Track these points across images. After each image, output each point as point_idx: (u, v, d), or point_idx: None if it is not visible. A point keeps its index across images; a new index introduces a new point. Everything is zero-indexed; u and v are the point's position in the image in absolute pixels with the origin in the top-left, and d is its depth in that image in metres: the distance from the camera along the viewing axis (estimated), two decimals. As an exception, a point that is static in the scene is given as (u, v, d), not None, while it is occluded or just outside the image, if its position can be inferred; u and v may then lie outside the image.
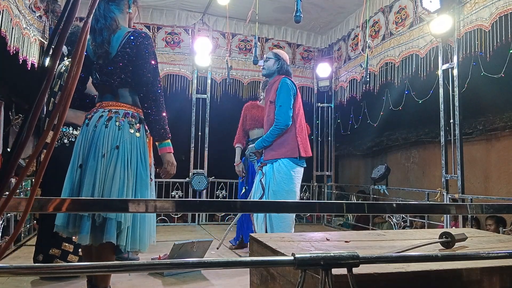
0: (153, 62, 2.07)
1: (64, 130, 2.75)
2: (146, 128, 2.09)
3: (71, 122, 2.77)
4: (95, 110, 2.08)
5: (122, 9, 2.13)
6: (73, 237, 2.16)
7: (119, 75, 2.04)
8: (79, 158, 2.00)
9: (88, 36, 0.72)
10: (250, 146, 3.36)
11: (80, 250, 2.70)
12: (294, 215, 3.07)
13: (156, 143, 2.09)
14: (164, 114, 2.04)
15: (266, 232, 3.00)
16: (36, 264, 2.48)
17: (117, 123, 1.98)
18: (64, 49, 2.91)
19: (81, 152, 2.00)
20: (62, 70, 2.86)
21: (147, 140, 2.09)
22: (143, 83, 2.02)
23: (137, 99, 2.07)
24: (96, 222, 1.87)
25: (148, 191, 2.01)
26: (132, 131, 1.99)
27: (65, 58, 3.00)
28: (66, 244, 2.65)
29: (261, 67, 3.40)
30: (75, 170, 2.00)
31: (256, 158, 3.32)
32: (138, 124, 2.04)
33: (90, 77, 2.23)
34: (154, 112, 2.02)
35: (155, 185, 6.11)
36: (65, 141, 2.75)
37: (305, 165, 3.18)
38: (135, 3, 2.19)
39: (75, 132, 2.78)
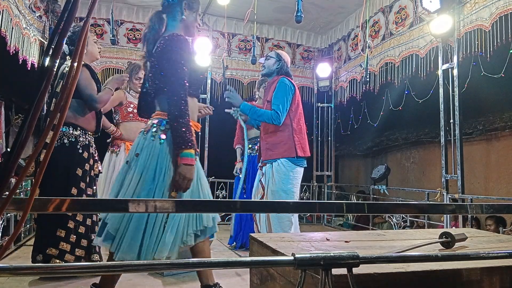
0: (177, 65, 1.93)
1: (64, 130, 2.75)
2: None
3: (71, 122, 2.77)
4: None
5: (176, 16, 2.09)
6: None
7: (154, 82, 2.02)
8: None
9: (88, 36, 0.72)
10: (236, 96, 3.20)
11: (76, 250, 2.70)
12: (292, 215, 3.05)
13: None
14: (182, 120, 1.88)
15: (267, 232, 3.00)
16: (36, 264, 2.48)
17: (145, 133, 2.00)
18: (65, 48, 2.90)
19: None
20: (65, 71, 2.86)
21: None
22: (167, 87, 1.95)
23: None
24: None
25: (160, 197, 1.93)
26: (153, 139, 1.96)
27: (67, 57, 2.99)
28: (64, 244, 2.65)
29: (261, 65, 3.39)
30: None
31: (239, 113, 3.35)
32: (163, 132, 1.97)
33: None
34: (172, 118, 1.91)
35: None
36: (65, 141, 2.75)
37: (305, 165, 3.17)
38: (190, 9, 2.12)
39: (75, 132, 2.77)
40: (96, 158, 2.97)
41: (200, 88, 2.20)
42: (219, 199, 5.48)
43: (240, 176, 3.59)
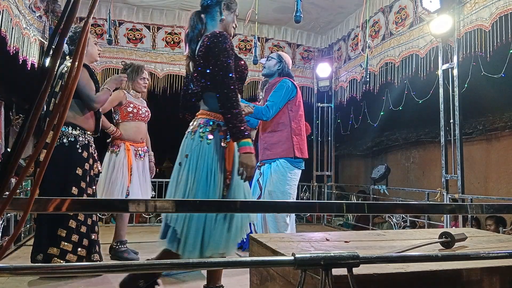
0: (224, 60, 1.98)
1: (63, 129, 2.75)
2: (223, 133, 2.04)
3: (70, 122, 2.77)
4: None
5: (215, 16, 2.14)
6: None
7: (199, 81, 2.07)
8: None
9: (88, 37, 0.72)
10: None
11: (79, 249, 2.70)
12: (288, 217, 3.04)
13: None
14: (235, 111, 1.94)
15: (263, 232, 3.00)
16: (36, 264, 2.48)
17: (192, 133, 2.04)
18: (65, 47, 2.91)
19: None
20: (63, 71, 2.86)
21: (224, 146, 2.03)
22: (216, 83, 1.98)
23: (216, 104, 2.01)
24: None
25: (216, 197, 1.98)
26: (201, 139, 2.01)
27: (67, 57, 3.00)
28: (65, 243, 2.65)
29: (262, 65, 3.39)
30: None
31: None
32: (210, 132, 2.01)
33: None
34: (225, 111, 1.96)
35: (156, 185, 6.05)
36: (64, 140, 2.75)
37: (303, 167, 3.16)
38: (228, 9, 2.17)
39: (74, 132, 2.78)
40: (96, 158, 2.97)
41: (243, 84, 2.26)
42: (219, 199, 5.48)
43: None
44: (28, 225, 4.11)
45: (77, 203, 0.91)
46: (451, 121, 3.90)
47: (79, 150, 2.78)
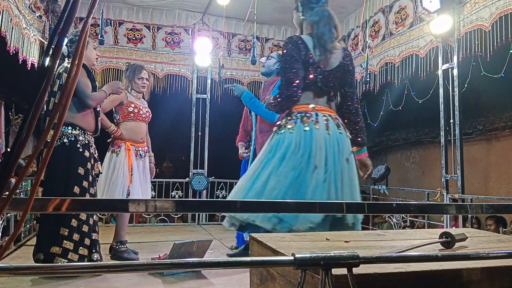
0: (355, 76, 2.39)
1: (63, 129, 2.76)
2: None
3: (69, 122, 2.78)
4: (310, 113, 2.19)
5: None
6: None
7: (335, 84, 2.27)
8: (314, 159, 2.10)
9: (88, 41, 0.72)
10: (239, 86, 3.30)
11: (80, 248, 2.70)
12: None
13: (355, 149, 2.31)
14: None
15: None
16: (36, 264, 2.48)
17: (339, 130, 2.20)
18: (64, 49, 2.92)
19: (316, 153, 2.11)
20: (61, 71, 2.88)
21: None
22: (352, 94, 2.32)
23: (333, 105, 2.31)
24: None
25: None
26: (348, 135, 2.25)
27: (66, 59, 3.02)
28: (67, 242, 2.65)
29: (262, 64, 3.38)
30: (311, 170, 2.09)
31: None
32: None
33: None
34: (360, 120, 2.30)
35: (156, 185, 6.04)
36: (65, 140, 2.76)
37: None
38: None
39: (74, 132, 2.78)
40: (97, 158, 2.98)
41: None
42: (219, 199, 5.48)
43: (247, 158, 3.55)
44: (28, 225, 4.11)
45: (77, 203, 0.91)
46: (451, 121, 3.90)
47: (80, 150, 2.79)
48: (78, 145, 2.78)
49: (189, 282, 2.70)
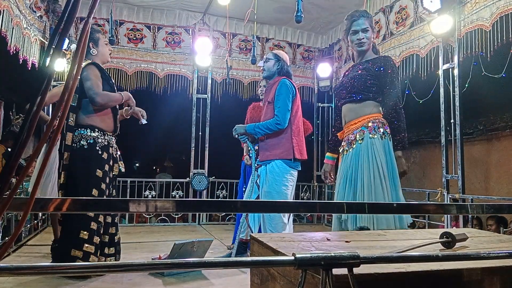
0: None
1: (82, 132, 2.76)
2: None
3: (88, 124, 2.79)
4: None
5: None
6: None
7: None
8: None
9: (99, 37, 0.72)
10: (239, 126, 3.23)
11: (99, 251, 2.72)
12: (285, 216, 3.03)
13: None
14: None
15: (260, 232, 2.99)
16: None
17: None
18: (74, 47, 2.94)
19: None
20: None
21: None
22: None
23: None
24: None
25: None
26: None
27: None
28: (88, 246, 2.64)
29: (261, 67, 3.37)
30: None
31: (246, 138, 3.19)
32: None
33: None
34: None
35: (156, 184, 6.03)
36: (83, 143, 2.75)
37: (299, 168, 3.15)
38: None
39: (93, 134, 2.78)
40: (117, 157, 2.98)
41: None
42: (219, 199, 5.49)
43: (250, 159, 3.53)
44: (28, 225, 4.11)
45: (77, 203, 0.90)
46: (452, 121, 3.90)
47: (99, 152, 2.79)
48: (97, 148, 2.78)
49: (189, 282, 2.70)
